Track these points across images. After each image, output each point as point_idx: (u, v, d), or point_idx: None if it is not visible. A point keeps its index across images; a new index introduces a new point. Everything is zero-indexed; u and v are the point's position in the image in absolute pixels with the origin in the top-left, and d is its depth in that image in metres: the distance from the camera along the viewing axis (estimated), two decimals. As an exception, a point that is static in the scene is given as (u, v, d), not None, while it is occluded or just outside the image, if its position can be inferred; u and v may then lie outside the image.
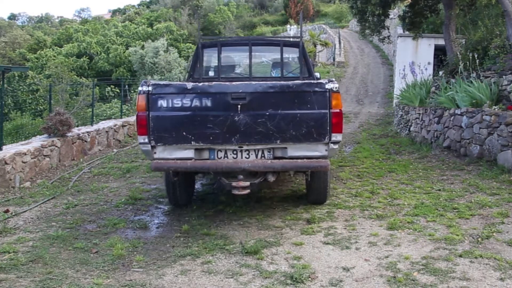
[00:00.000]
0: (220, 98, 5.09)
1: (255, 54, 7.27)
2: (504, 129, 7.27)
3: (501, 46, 8.92)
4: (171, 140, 5.13)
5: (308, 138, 5.14)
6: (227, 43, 8.00)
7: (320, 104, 5.10)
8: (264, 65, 7.70)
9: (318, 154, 5.22)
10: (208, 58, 7.48)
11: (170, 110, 5.10)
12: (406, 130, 11.84)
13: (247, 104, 5.05)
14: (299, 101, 5.11)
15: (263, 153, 5.30)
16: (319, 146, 5.20)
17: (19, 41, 51.67)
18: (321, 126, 5.11)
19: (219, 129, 5.09)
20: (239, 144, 5.18)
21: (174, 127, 5.11)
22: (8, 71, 19.70)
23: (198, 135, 5.10)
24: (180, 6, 56.85)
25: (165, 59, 24.84)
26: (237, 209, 6.11)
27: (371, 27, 13.87)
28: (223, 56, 7.20)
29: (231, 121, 5.07)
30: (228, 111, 5.06)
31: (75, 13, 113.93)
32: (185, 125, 5.11)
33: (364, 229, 5.28)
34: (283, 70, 7.15)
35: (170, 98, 5.10)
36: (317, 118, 5.10)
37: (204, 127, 5.09)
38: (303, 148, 5.22)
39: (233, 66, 7.71)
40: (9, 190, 7.09)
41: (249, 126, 5.08)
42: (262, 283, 3.99)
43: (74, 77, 24.26)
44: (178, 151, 5.21)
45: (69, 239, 5.05)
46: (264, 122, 5.09)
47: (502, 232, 4.96)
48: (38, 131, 10.45)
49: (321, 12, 57.97)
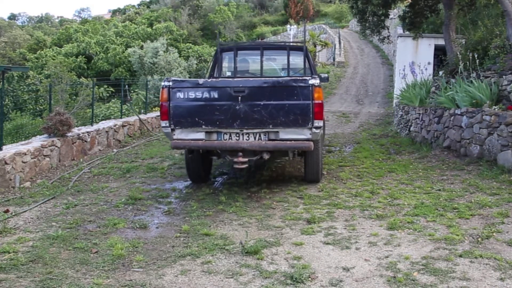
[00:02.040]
0: (224, 91, 6.27)
1: (266, 57, 8.40)
2: (504, 129, 7.27)
3: (501, 46, 8.92)
4: (186, 124, 6.37)
5: (295, 124, 6.25)
6: (242, 47, 9.22)
7: (304, 97, 6.19)
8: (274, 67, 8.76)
9: (304, 137, 6.32)
10: (226, 60, 8.56)
11: (186, 101, 6.33)
12: (406, 130, 11.84)
13: (246, 96, 6.20)
14: (287, 94, 6.22)
15: (260, 136, 6.41)
16: (304, 131, 6.30)
17: (19, 41, 51.67)
18: (305, 114, 6.21)
19: (224, 116, 6.25)
20: (240, 128, 6.32)
21: (189, 114, 6.34)
22: (8, 71, 19.71)
23: (207, 121, 6.31)
24: (180, 6, 56.85)
25: (165, 59, 24.83)
26: (237, 209, 6.11)
27: (371, 27, 13.87)
28: (238, 59, 8.33)
29: (233, 110, 6.22)
30: (231, 101, 6.22)
31: (75, 13, 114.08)
32: (197, 112, 6.32)
33: (364, 229, 5.28)
34: (290, 70, 8.09)
35: (186, 91, 6.32)
36: (302, 107, 6.20)
37: (212, 114, 6.28)
38: (291, 132, 6.34)
39: (248, 67, 8.68)
40: (9, 190, 7.09)
41: (248, 114, 6.23)
42: (262, 283, 3.99)
43: (74, 77, 24.26)
44: (192, 133, 6.44)
45: (69, 239, 5.05)
46: (259, 110, 6.22)
47: (502, 232, 4.96)
48: (38, 131, 10.44)
49: (321, 12, 57.95)
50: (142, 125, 12.69)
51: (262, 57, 8.07)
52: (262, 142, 6.37)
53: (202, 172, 7.48)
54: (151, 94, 20.81)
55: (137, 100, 18.79)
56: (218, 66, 8.34)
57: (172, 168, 8.66)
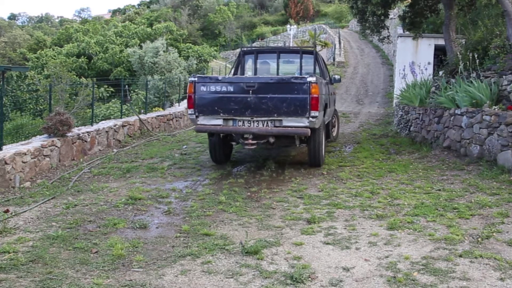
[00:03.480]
0: (238, 86, 7.64)
1: (282, 59, 9.89)
2: (504, 129, 7.27)
3: (501, 46, 8.92)
4: (207, 112, 7.74)
5: (296, 113, 7.48)
6: (262, 51, 10.68)
7: (303, 91, 7.42)
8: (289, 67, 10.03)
9: (303, 124, 7.52)
10: (248, 61, 9.97)
11: (208, 93, 7.71)
12: (406, 130, 11.84)
13: (255, 90, 7.51)
14: (289, 89, 7.47)
15: (267, 123, 7.65)
16: (303, 119, 7.50)
17: (19, 41, 51.69)
18: (304, 106, 7.44)
19: (238, 106, 7.59)
20: (251, 116, 7.62)
21: (209, 104, 7.71)
22: (8, 71, 19.70)
23: (224, 110, 7.67)
24: (180, 6, 56.84)
25: (165, 59, 24.82)
26: (237, 209, 6.11)
27: (371, 27, 13.87)
28: (259, 61, 9.83)
29: (246, 101, 7.55)
30: (243, 94, 7.54)
31: (75, 13, 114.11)
32: (216, 103, 7.67)
33: (364, 229, 5.28)
34: (302, 70, 9.47)
35: (208, 85, 7.71)
36: (301, 100, 7.43)
37: (228, 105, 7.62)
38: (293, 120, 7.54)
39: (266, 67, 10.04)
40: (9, 190, 7.09)
41: (257, 105, 7.53)
42: (262, 283, 3.99)
43: (74, 77, 24.23)
44: (212, 120, 7.76)
45: (69, 239, 5.05)
46: (267, 102, 7.50)
47: (502, 232, 4.96)
48: (38, 131, 10.43)
49: (321, 12, 57.94)
50: (142, 125, 12.69)
51: (279, 60, 9.72)
52: (268, 128, 7.65)
53: (223, 155, 8.71)
54: (151, 94, 20.81)
55: (137, 100, 18.79)
56: (241, 66, 9.73)
57: (172, 168, 8.66)
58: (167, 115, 14.70)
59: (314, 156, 8.25)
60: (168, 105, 18.65)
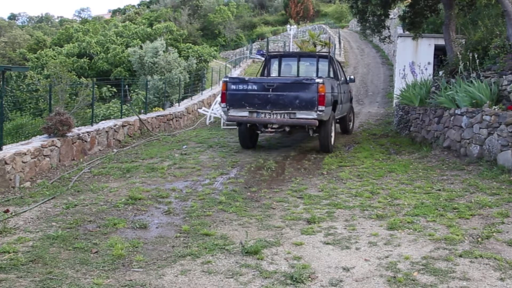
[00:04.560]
0: (261, 85, 9.26)
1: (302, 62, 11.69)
2: (504, 129, 7.27)
3: (501, 46, 8.92)
4: (236, 106, 9.40)
5: (306, 108, 9.01)
6: (285, 55, 12.50)
7: (312, 90, 8.95)
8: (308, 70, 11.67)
9: (312, 117, 9.04)
10: (273, 64, 11.68)
11: (236, 91, 9.38)
12: (406, 130, 11.84)
13: (274, 89, 9.14)
14: (302, 88, 9.04)
15: (283, 115, 9.20)
16: (312, 112, 9.01)
17: (19, 41, 51.69)
18: (313, 102, 8.96)
19: (260, 101, 9.23)
20: (270, 110, 9.22)
21: (238, 99, 9.37)
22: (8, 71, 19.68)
23: (250, 104, 9.31)
24: (180, 6, 56.83)
25: (165, 59, 24.81)
26: (237, 209, 6.11)
27: (372, 27, 13.86)
28: (282, 64, 11.61)
29: (266, 98, 9.19)
30: (265, 92, 9.17)
31: (75, 13, 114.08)
32: (243, 98, 9.34)
33: (364, 229, 5.28)
34: (318, 72, 11.09)
35: (237, 84, 9.42)
36: (311, 97, 8.97)
37: (253, 100, 9.28)
38: (304, 113, 9.06)
39: (288, 69, 11.70)
40: (9, 190, 7.08)
41: (276, 100, 9.14)
42: (262, 283, 3.99)
43: (74, 77, 24.23)
44: (240, 112, 9.43)
45: (69, 239, 5.05)
46: (283, 98, 9.11)
47: (502, 232, 4.96)
48: (38, 131, 10.43)
49: (321, 12, 57.96)
50: (142, 125, 12.68)
51: (299, 62, 11.54)
52: (284, 119, 9.21)
53: (249, 141, 10.20)
54: (151, 94, 20.80)
55: (137, 100, 18.78)
56: (267, 68, 11.44)
57: (172, 168, 8.66)
58: (167, 115, 14.70)
59: (324, 143, 9.71)
60: (168, 105, 18.65)
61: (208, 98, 19.65)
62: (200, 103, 18.44)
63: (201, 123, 15.77)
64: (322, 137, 9.59)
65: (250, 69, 30.79)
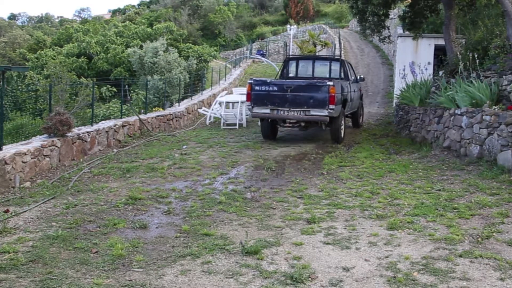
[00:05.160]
0: (281, 86, 10.62)
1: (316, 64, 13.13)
2: (504, 129, 7.27)
3: (501, 46, 8.92)
4: (259, 104, 10.73)
5: (319, 106, 10.30)
6: (301, 58, 14.46)
7: (324, 91, 10.22)
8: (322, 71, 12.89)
9: (324, 114, 10.34)
10: (291, 66, 13.12)
11: (260, 91, 10.72)
12: (406, 130, 11.84)
13: (292, 90, 10.46)
14: (315, 89, 10.34)
15: (300, 112, 10.50)
16: (324, 110, 10.30)
17: (19, 41, 51.69)
18: (324, 101, 10.23)
19: (280, 100, 10.56)
20: (288, 108, 10.52)
21: (261, 98, 10.71)
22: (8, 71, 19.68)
23: (271, 103, 10.63)
24: (180, 6, 56.81)
25: (165, 59, 24.80)
26: (237, 209, 6.11)
27: (372, 27, 13.87)
28: (299, 65, 13.13)
29: (285, 97, 10.50)
30: (284, 92, 10.50)
31: (75, 13, 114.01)
32: (265, 98, 10.67)
33: (364, 229, 5.28)
34: (330, 73, 12.53)
35: (260, 85, 10.75)
36: (323, 97, 10.24)
37: (273, 99, 10.62)
38: (317, 111, 10.36)
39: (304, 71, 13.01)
40: (9, 190, 7.08)
41: (293, 100, 10.44)
42: (262, 283, 3.99)
43: (74, 77, 24.23)
44: (262, 109, 10.76)
45: (69, 239, 5.05)
46: (299, 98, 10.41)
47: (502, 232, 4.96)
48: (38, 131, 10.43)
49: (321, 12, 57.95)
50: (142, 125, 12.68)
51: (314, 64, 13.03)
52: (300, 115, 10.56)
53: (270, 133, 11.59)
54: (151, 94, 20.79)
55: (137, 100, 18.78)
56: (286, 70, 12.85)
57: (172, 168, 8.66)
58: (167, 115, 14.69)
59: (334, 135, 11.12)
60: (168, 105, 18.64)
61: (208, 98, 19.65)
62: (200, 103, 18.43)
63: (201, 123, 15.77)
64: (333, 131, 11.06)
65: (250, 69, 30.79)
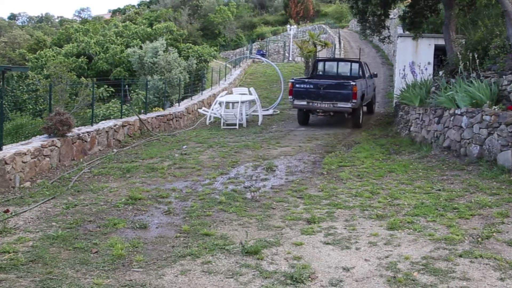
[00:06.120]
0: (315, 85, 13.51)
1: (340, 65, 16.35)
2: (504, 129, 7.27)
3: (501, 46, 8.92)
4: (298, 97, 13.62)
5: (345, 100, 13.16)
6: (328, 59, 18.21)
7: (349, 89, 13.09)
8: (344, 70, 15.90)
9: (348, 106, 13.26)
10: (320, 66, 16.28)
11: (299, 88, 13.62)
12: (406, 130, 11.84)
13: (324, 87, 13.37)
14: (342, 87, 13.25)
15: (329, 104, 13.39)
16: (348, 103, 13.17)
17: (19, 41, 51.65)
18: (348, 96, 13.09)
19: (314, 95, 13.45)
20: (321, 101, 13.44)
21: (300, 93, 13.60)
22: (8, 71, 19.68)
23: (307, 97, 13.54)
24: (180, 6, 56.80)
25: (165, 59, 24.78)
26: (237, 209, 6.11)
27: (372, 27, 13.87)
28: (326, 66, 16.37)
29: (318, 92, 13.38)
30: (318, 89, 13.38)
31: (75, 13, 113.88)
32: (303, 93, 13.56)
33: (364, 229, 5.28)
34: (351, 71, 15.61)
35: (299, 84, 13.69)
36: (348, 93, 13.09)
37: (310, 94, 13.51)
38: (343, 104, 13.24)
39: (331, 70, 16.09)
40: (9, 190, 7.09)
41: (324, 95, 13.34)
42: (262, 283, 3.99)
43: (74, 77, 24.20)
44: (301, 102, 13.69)
45: (69, 239, 5.05)
46: (329, 94, 13.29)
47: (502, 232, 4.96)
48: (38, 131, 10.42)
49: (321, 12, 57.94)
50: (142, 125, 12.68)
51: (338, 65, 16.29)
52: (329, 107, 13.53)
53: (304, 120, 14.68)
54: (151, 94, 20.78)
55: (137, 100, 18.76)
56: (315, 69, 16.06)
57: (172, 168, 8.66)
58: (167, 115, 14.69)
59: (355, 122, 13.90)
60: (168, 105, 18.63)
61: (208, 98, 19.64)
62: (200, 103, 18.43)
63: (201, 123, 15.77)
64: (354, 119, 14.00)
65: (250, 69, 30.77)
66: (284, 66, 29.63)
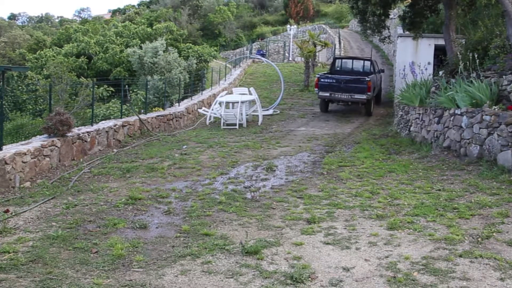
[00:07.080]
0: (337, 78, 16.39)
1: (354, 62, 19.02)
2: (504, 129, 7.27)
3: (501, 46, 8.92)
4: (323, 90, 16.43)
5: (361, 93, 15.87)
6: (344, 57, 20.59)
7: (365, 83, 15.79)
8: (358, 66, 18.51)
9: (363, 97, 15.94)
10: (338, 63, 18.95)
11: (324, 82, 16.40)
12: (406, 130, 11.83)
13: (344, 82, 16.12)
14: (359, 82, 15.93)
15: (348, 96, 16.14)
16: (363, 95, 15.86)
17: (19, 41, 51.67)
18: (364, 89, 15.79)
19: (336, 88, 16.21)
20: (341, 92, 16.16)
21: (324, 86, 16.39)
22: (8, 71, 19.66)
23: (330, 89, 16.33)
24: (180, 6, 56.82)
25: (165, 59, 24.78)
26: (237, 209, 6.11)
27: (372, 27, 13.87)
28: (342, 63, 19.08)
29: (339, 86, 16.16)
30: (339, 83, 16.18)
31: (75, 13, 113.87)
32: (327, 86, 16.37)
33: (364, 229, 5.28)
34: (364, 69, 18.04)
35: (324, 78, 16.52)
36: (363, 87, 15.80)
37: (331, 87, 16.30)
38: (359, 96, 15.94)
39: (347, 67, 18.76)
40: (9, 190, 7.08)
41: (344, 88, 16.09)
42: (262, 283, 3.99)
43: (74, 77, 24.19)
44: (324, 93, 16.45)
45: (69, 239, 5.05)
46: (349, 87, 16.04)
47: (502, 232, 4.96)
48: (38, 131, 10.42)
49: (321, 12, 57.95)
50: (142, 125, 12.68)
51: (353, 62, 18.98)
52: (348, 98, 16.07)
53: (325, 108, 17.29)
54: (151, 94, 20.78)
55: (137, 100, 18.75)
56: (334, 65, 18.74)
57: (172, 168, 8.66)
58: (167, 115, 14.69)
59: (367, 111, 16.59)
60: (168, 105, 18.63)
61: (208, 98, 19.63)
62: (200, 103, 18.42)
63: (201, 123, 15.77)
64: (367, 108, 16.61)
65: (250, 69, 30.76)
66: (284, 66, 29.62)
